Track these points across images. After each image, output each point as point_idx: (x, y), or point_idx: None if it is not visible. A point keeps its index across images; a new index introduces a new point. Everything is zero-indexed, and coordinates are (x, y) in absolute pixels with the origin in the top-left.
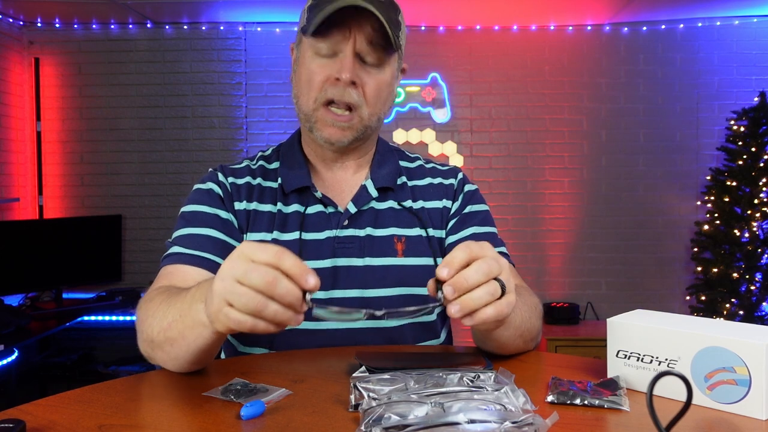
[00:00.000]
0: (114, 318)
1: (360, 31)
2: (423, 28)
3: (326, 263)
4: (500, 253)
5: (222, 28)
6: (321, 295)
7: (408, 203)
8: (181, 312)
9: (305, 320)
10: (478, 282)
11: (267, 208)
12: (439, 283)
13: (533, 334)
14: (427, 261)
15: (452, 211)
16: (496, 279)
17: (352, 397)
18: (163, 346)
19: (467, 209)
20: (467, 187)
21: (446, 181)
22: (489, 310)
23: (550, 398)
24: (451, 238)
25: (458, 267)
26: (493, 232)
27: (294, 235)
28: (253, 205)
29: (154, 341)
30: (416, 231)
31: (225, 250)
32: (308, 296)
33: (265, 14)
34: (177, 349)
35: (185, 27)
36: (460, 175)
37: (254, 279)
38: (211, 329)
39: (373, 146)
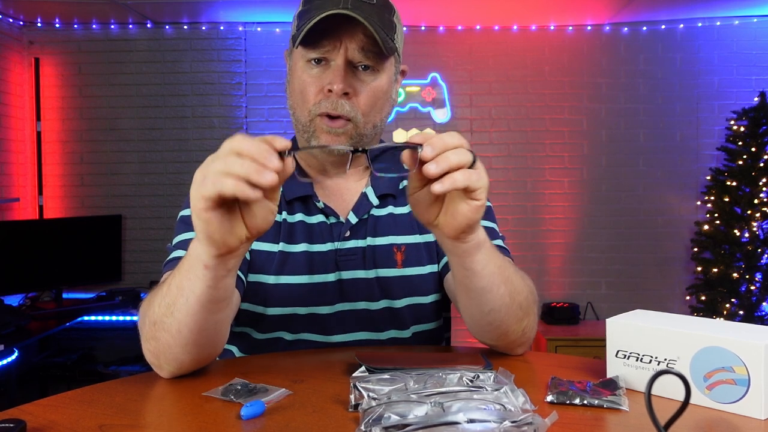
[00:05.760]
0: (114, 318)
1: (351, 38)
2: (423, 28)
3: (331, 277)
4: (499, 246)
5: (222, 28)
6: (326, 310)
7: (408, 208)
8: (175, 273)
9: (307, 332)
10: (454, 145)
11: None
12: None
13: (524, 296)
14: (426, 269)
15: None
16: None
17: (352, 397)
18: (164, 321)
19: None
20: None
21: None
22: (458, 176)
23: (549, 398)
24: None
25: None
26: (492, 227)
27: (302, 247)
28: None
29: (156, 322)
30: (415, 238)
31: None
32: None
33: (265, 14)
34: (178, 313)
35: (185, 27)
36: None
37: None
38: (204, 258)
39: None
